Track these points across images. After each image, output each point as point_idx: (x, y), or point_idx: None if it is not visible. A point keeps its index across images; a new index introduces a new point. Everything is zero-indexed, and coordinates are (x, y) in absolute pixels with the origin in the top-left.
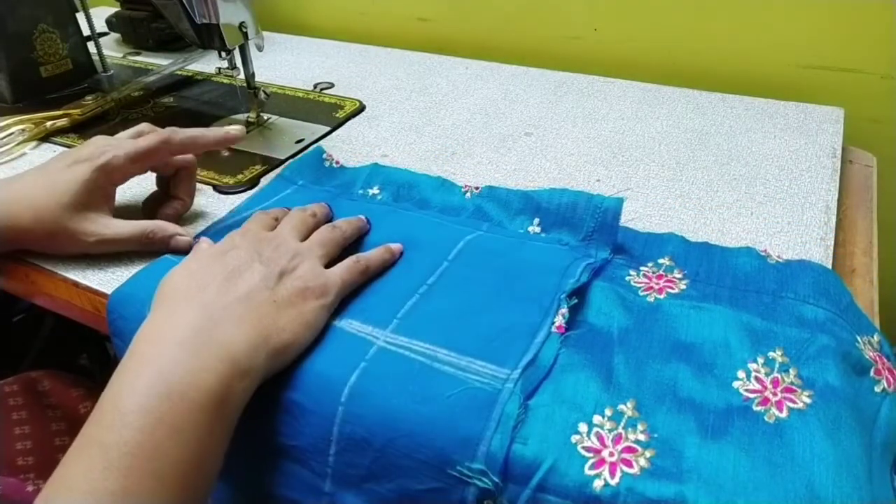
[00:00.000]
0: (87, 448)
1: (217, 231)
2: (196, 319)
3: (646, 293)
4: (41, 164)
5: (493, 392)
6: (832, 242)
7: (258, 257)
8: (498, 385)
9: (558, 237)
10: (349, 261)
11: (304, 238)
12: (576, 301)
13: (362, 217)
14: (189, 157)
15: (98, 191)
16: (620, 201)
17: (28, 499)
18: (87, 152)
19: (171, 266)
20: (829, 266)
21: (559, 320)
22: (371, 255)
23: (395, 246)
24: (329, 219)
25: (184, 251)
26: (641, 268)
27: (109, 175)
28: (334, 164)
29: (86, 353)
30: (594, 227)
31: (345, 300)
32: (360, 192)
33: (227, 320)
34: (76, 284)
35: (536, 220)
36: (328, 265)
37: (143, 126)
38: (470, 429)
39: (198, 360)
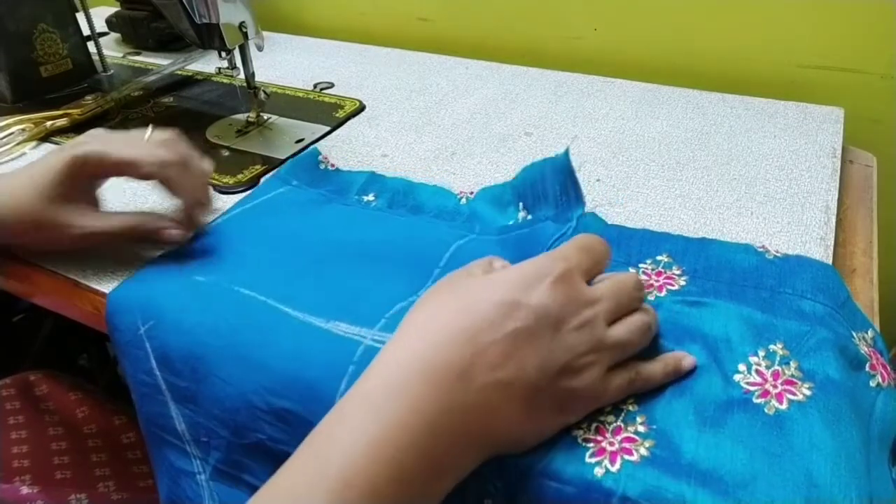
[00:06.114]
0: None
1: (214, 231)
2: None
3: (646, 290)
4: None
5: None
6: (832, 242)
7: (550, 328)
8: None
9: (544, 215)
10: (627, 377)
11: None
12: None
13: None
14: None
15: (75, 180)
16: (566, 154)
17: (23, 501)
18: (70, 142)
19: (161, 274)
20: None
21: None
22: (653, 370)
23: (688, 362)
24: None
25: (177, 242)
26: (640, 265)
27: (82, 166)
28: (329, 167)
29: (86, 353)
30: (560, 190)
31: (330, 302)
32: (356, 198)
33: (504, 408)
34: (76, 284)
35: (521, 205)
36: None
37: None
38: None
39: (459, 439)
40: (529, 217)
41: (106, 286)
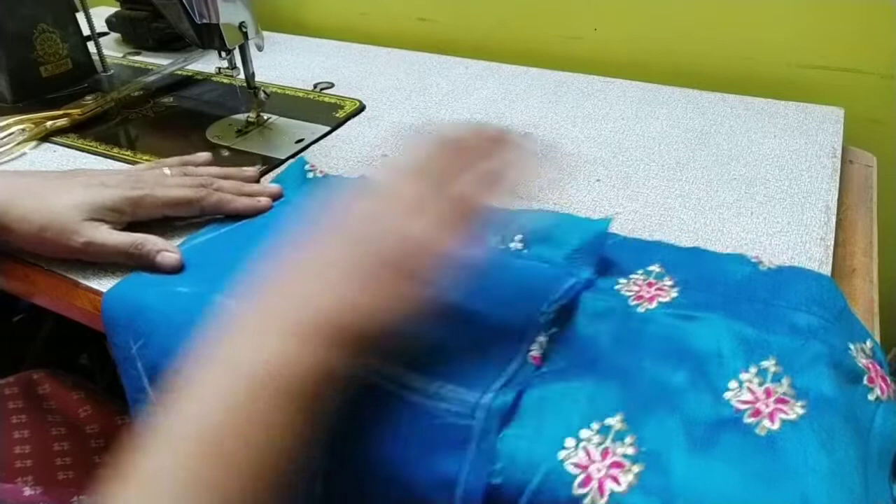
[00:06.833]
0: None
1: (207, 240)
2: None
3: (636, 302)
4: (60, 171)
5: (465, 427)
6: (832, 242)
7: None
8: (468, 414)
9: (539, 253)
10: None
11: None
12: (555, 330)
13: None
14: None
15: (115, 215)
16: (607, 222)
17: (25, 502)
18: (117, 180)
19: (149, 283)
20: (829, 266)
21: (536, 350)
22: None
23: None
24: None
25: (169, 269)
26: (631, 275)
27: (135, 209)
28: (318, 175)
29: (86, 352)
30: (579, 246)
31: None
32: None
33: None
34: (76, 284)
35: (519, 237)
36: None
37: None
38: (445, 470)
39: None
40: (525, 251)
41: (105, 286)
